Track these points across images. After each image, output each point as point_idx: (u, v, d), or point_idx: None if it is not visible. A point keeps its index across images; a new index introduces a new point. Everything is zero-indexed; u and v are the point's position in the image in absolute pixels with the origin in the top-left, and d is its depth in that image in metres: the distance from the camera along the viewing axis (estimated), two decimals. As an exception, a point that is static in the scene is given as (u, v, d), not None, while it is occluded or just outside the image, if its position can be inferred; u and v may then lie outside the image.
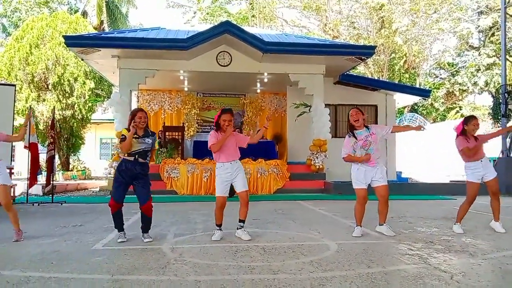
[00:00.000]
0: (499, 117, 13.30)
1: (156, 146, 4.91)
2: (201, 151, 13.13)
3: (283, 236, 5.13)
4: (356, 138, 5.17)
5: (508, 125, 14.03)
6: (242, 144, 5.19)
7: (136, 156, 4.85)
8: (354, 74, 18.29)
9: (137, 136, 4.85)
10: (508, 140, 13.44)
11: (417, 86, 28.65)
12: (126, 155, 4.88)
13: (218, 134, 5.09)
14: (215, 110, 15.98)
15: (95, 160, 23.52)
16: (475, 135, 5.46)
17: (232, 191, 5.29)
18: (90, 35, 12.96)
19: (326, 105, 12.45)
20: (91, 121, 19.47)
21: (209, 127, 16.02)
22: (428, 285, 3.23)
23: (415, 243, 4.82)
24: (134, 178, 4.87)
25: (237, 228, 5.15)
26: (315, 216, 7.36)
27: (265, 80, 13.63)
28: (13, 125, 8.97)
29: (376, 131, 5.27)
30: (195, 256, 4.21)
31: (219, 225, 5.13)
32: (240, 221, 5.14)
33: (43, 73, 16.81)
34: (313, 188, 11.97)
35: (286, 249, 4.52)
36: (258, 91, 15.56)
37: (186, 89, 15.14)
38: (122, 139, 4.82)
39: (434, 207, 8.61)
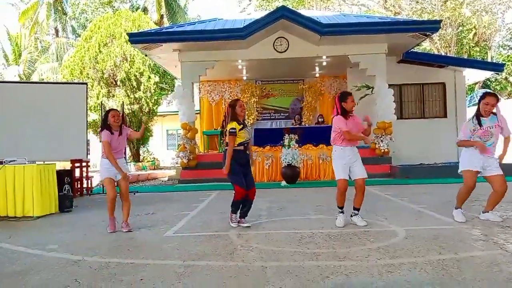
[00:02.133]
0: None
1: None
2: (262, 138, 13.24)
3: (348, 222, 5.07)
4: (480, 126, 4.77)
5: None
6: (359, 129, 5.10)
7: (246, 145, 5.12)
8: (419, 51, 17.44)
9: (242, 125, 5.10)
10: None
11: (489, 60, 26.71)
12: (236, 145, 5.06)
13: (347, 120, 5.01)
14: (274, 98, 16.05)
15: (163, 150, 24.53)
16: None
17: (295, 177, 5.30)
18: (152, 31, 13.46)
19: (390, 86, 11.99)
20: (158, 113, 20.28)
21: (269, 115, 16.11)
22: (505, 272, 3.06)
23: (489, 228, 4.57)
24: (244, 165, 5.12)
25: (351, 216, 5.12)
26: (381, 201, 7.19)
27: (324, 63, 13.39)
28: (86, 121, 9.58)
29: (502, 124, 4.80)
30: (261, 243, 4.29)
31: (341, 207, 5.12)
32: (355, 209, 5.10)
33: (112, 70, 17.73)
34: (378, 172, 11.62)
35: (351, 236, 4.47)
36: (317, 75, 15.34)
37: (245, 77, 15.29)
38: (233, 132, 5.00)
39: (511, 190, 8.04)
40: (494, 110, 4.83)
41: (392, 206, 6.58)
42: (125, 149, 10.30)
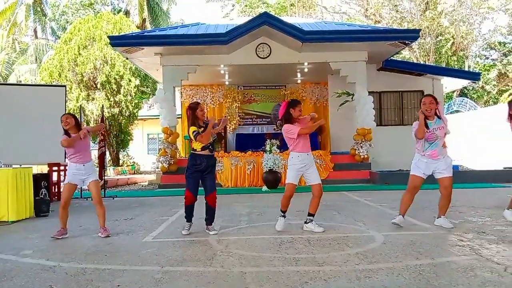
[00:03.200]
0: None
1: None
2: (244, 143, 13.26)
3: (328, 228, 5.10)
4: (428, 128, 4.88)
5: None
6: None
7: (210, 147, 5.02)
8: (398, 60, 17.73)
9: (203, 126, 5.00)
10: None
11: (466, 69, 27.37)
12: (200, 149, 4.98)
13: (294, 124, 5.02)
14: (256, 103, 16.08)
15: (143, 155, 24.31)
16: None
17: (276, 183, 5.30)
18: (133, 34, 13.36)
19: (370, 93, 12.17)
20: (138, 117, 20.10)
21: (251, 120, 16.13)
22: (479, 277, 3.12)
23: (466, 233, 4.66)
24: (204, 170, 5.00)
25: (305, 222, 5.13)
26: (360, 207, 7.27)
27: (306, 69, 13.51)
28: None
29: (446, 125, 4.94)
30: (241, 248, 4.28)
31: (284, 212, 5.14)
32: (310, 215, 5.11)
33: (92, 73, 17.51)
34: (358, 178, 11.79)
35: (331, 241, 4.50)
36: (299, 81, 15.46)
37: (227, 82, 15.29)
38: (197, 133, 4.91)
39: (486, 196, 8.25)
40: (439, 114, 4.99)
41: (371, 211, 6.66)
42: (105, 154, 10.20)
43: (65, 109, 9.70)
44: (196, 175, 5.00)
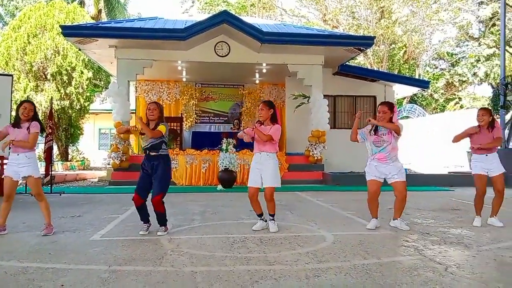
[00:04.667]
0: (499, 109, 13.30)
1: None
2: (200, 141, 13.15)
3: (280, 227, 5.14)
4: (376, 133, 5.10)
5: (507, 116, 14.03)
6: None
7: (147, 151, 4.86)
8: (353, 65, 18.24)
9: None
10: (506, 131, 13.45)
11: (417, 77, 28.58)
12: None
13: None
14: (214, 101, 16.00)
15: (94, 150, 23.50)
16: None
17: (231, 182, 5.29)
18: (87, 24, 12.89)
19: (325, 96, 12.43)
20: (90, 111, 19.41)
21: (208, 118, 16.03)
22: (422, 276, 3.26)
23: (411, 234, 4.85)
24: (147, 171, 4.84)
25: (266, 220, 5.18)
26: (312, 207, 7.39)
27: (264, 70, 13.59)
28: (10, 116, 8.92)
29: (395, 131, 5.04)
30: (192, 247, 4.23)
31: (259, 215, 5.16)
32: (269, 214, 5.13)
33: (42, 63, 16.72)
34: (311, 179, 12.00)
35: (282, 240, 4.54)
36: (257, 81, 15.52)
37: (184, 79, 15.10)
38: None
39: (431, 199, 8.64)
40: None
41: (323, 212, 6.79)
42: (52, 148, 9.76)
43: (11, 100, 9.21)
44: (142, 174, 4.87)
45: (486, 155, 5.38)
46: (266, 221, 5.17)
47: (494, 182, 5.38)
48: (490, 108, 5.62)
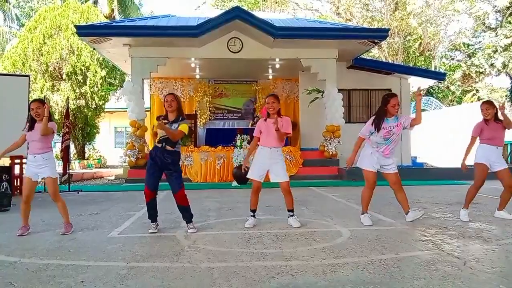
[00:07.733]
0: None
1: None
2: (214, 138, 13.17)
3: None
4: (379, 130, 5.02)
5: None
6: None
7: (163, 143, 4.74)
8: (368, 58, 18.07)
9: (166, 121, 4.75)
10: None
11: (432, 69, 28.16)
12: (156, 141, 4.82)
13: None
14: (227, 98, 16.01)
15: (110, 148, 23.79)
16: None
17: (246, 178, 5.29)
18: (101, 24, 13.03)
19: (339, 90, 12.33)
20: (105, 110, 19.63)
21: (222, 115, 16.06)
22: (440, 271, 3.22)
23: (429, 229, 4.80)
24: (160, 164, 4.77)
25: (288, 217, 5.19)
26: (328, 202, 7.36)
27: (277, 66, 13.54)
28: (28, 115, 9.05)
29: (403, 122, 5.04)
30: (208, 243, 4.25)
31: (252, 210, 5.18)
32: (288, 210, 5.17)
33: (57, 63, 16.95)
34: (326, 174, 11.93)
35: (298, 236, 4.54)
36: (270, 77, 15.48)
37: (197, 76, 15.14)
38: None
39: (449, 193, 8.53)
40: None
41: (338, 207, 6.76)
42: (69, 147, 9.90)
43: (29, 100, 9.35)
44: (153, 168, 4.78)
45: (497, 148, 5.31)
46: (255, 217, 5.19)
47: (502, 177, 5.29)
48: (492, 100, 5.50)
